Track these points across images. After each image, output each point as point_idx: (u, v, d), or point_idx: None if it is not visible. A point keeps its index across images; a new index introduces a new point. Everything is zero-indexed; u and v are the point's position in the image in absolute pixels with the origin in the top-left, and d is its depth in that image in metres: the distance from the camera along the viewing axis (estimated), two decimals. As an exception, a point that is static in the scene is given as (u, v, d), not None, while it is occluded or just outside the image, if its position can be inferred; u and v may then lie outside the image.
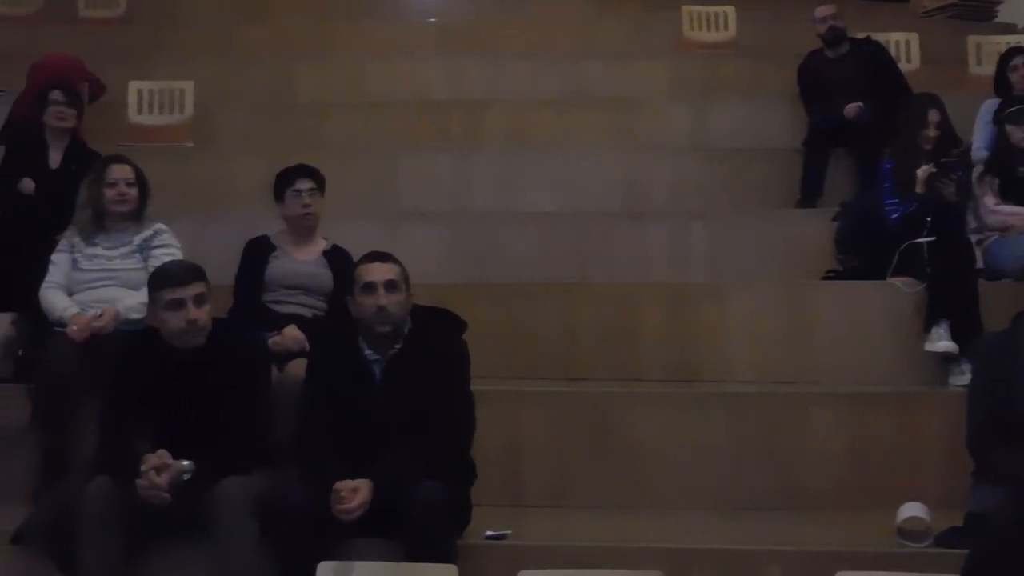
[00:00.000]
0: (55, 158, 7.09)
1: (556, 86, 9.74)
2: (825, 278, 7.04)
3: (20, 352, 6.02)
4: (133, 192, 6.01)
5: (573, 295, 6.77)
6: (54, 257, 5.98)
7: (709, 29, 10.86)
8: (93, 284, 5.87)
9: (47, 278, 5.92)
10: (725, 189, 8.16)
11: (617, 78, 9.81)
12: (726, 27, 10.86)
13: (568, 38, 10.85)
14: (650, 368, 6.50)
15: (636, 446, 5.66)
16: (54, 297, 5.84)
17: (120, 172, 6.03)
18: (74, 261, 5.94)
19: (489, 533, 4.81)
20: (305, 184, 6.03)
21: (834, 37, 8.75)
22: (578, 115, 9.13)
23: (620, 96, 9.56)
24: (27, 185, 6.88)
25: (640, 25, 11.03)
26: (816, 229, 7.37)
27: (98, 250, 5.95)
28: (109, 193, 5.97)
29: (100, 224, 5.98)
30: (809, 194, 8.04)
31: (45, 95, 7.19)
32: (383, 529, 4.46)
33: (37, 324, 6.06)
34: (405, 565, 4.08)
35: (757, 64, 9.91)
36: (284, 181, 6.08)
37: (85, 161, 7.03)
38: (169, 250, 5.94)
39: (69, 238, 6.03)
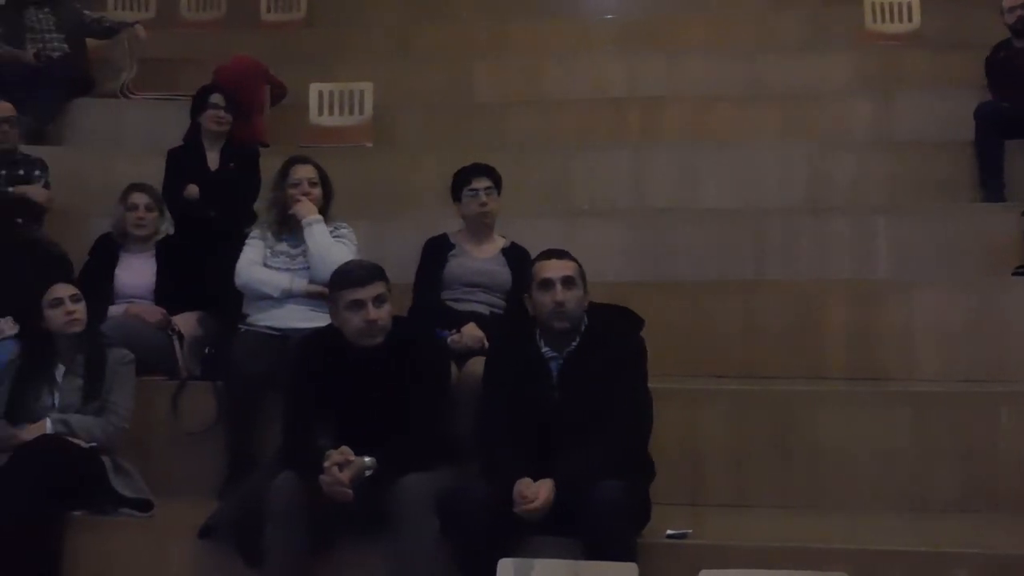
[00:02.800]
0: (213, 160, 7.22)
1: (735, 81, 9.61)
2: (1015, 274, 6.83)
3: (207, 350, 6.14)
4: (316, 192, 6.11)
5: (753, 292, 6.69)
6: (250, 242, 6.14)
7: (892, 20, 10.60)
8: (276, 281, 6.05)
9: (246, 257, 6.08)
10: (910, 183, 7.96)
11: (797, 72, 9.64)
12: (910, 18, 10.60)
13: (746, 32, 10.70)
14: (833, 366, 6.39)
15: (819, 446, 5.56)
16: (264, 272, 6.03)
17: (303, 172, 6.15)
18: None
19: (670, 532, 4.76)
20: (482, 183, 6.06)
21: (1023, 26, 8.47)
22: (757, 110, 9.00)
23: (800, 90, 9.40)
24: (191, 191, 7.00)
25: (820, 18, 10.82)
26: (1005, 224, 7.15)
27: (284, 247, 6.07)
28: (293, 193, 6.08)
29: (285, 223, 6.09)
30: (989, 187, 7.79)
31: (205, 97, 7.32)
32: (563, 527, 4.45)
33: (223, 323, 6.20)
34: (585, 563, 4.06)
35: (942, 56, 9.63)
36: (461, 180, 6.11)
37: (244, 159, 7.18)
38: (343, 241, 6.05)
39: (262, 229, 6.17)
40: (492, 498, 4.47)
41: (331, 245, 5.96)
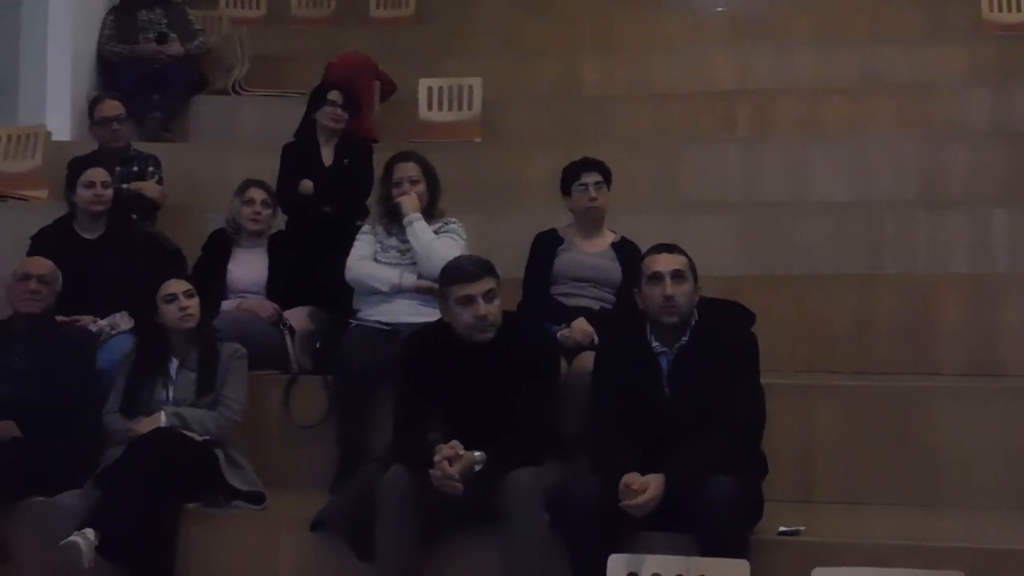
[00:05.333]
0: (327, 155, 7.27)
1: (848, 73, 9.48)
2: None
3: (318, 345, 6.18)
4: (419, 188, 6.13)
5: (867, 286, 6.61)
6: (360, 237, 6.21)
7: (1010, 10, 10.35)
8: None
9: (357, 252, 6.14)
10: (1028, 175, 7.80)
11: (911, 63, 9.48)
12: (1029, 8, 10.37)
13: (860, 23, 10.52)
14: (949, 362, 6.30)
15: (935, 442, 5.46)
16: (374, 267, 6.08)
17: (404, 170, 6.18)
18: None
19: (782, 529, 4.71)
20: (591, 177, 6.04)
21: None
22: (871, 102, 8.87)
23: (915, 82, 9.25)
24: (305, 186, 7.05)
25: (935, 8, 10.62)
26: None
27: (394, 242, 6.10)
28: (395, 192, 6.11)
29: (394, 219, 6.12)
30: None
31: (323, 94, 7.37)
32: (674, 523, 4.43)
33: (334, 317, 6.24)
34: (696, 559, 4.02)
35: (1062, 45, 9.45)
36: (570, 175, 6.10)
37: (357, 154, 7.22)
38: (451, 236, 6.06)
39: (372, 224, 6.21)
40: (602, 494, 4.45)
41: (433, 241, 5.98)
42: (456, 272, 4.93)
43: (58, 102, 9.14)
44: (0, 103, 8.84)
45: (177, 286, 5.54)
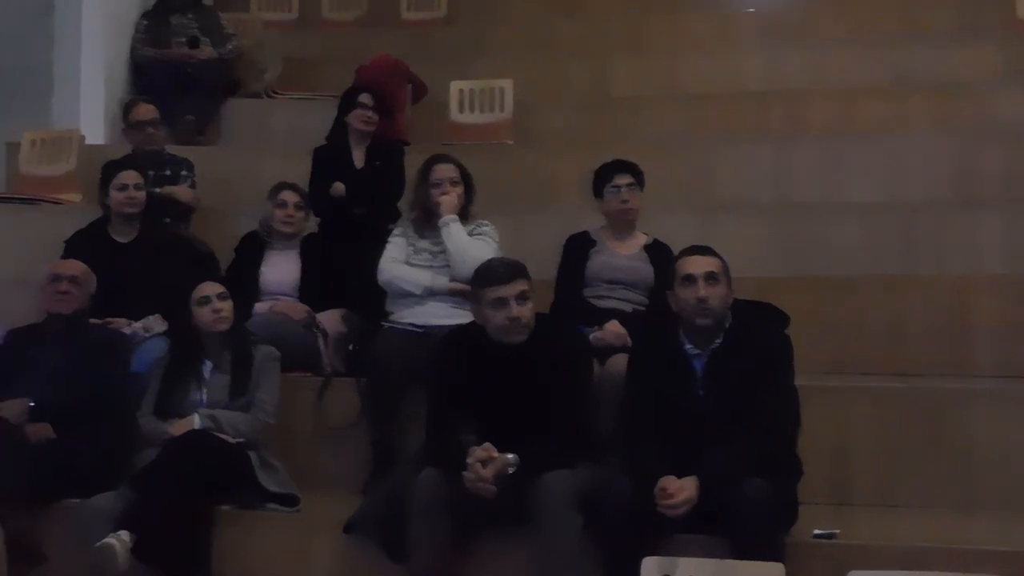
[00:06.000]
0: (358, 157, 7.30)
1: (880, 73, 9.43)
2: None
3: (351, 347, 6.19)
4: (458, 190, 6.13)
5: (901, 287, 6.58)
6: (392, 239, 6.18)
7: (1044, 9, 10.29)
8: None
9: (389, 255, 6.12)
10: (1064, 175, 7.74)
11: (945, 62, 9.41)
12: (1064, 5, 10.28)
13: (892, 22, 10.47)
14: (984, 363, 6.25)
15: (971, 445, 5.44)
16: (406, 270, 6.05)
17: (444, 171, 6.16)
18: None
19: (817, 532, 4.70)
20: (623, 179, 6.03)
21: None
22: (904, 102, 8.82)
23: (948, 81, 9.19)
24: (337, 189, 7.07)
25: (968, 6, 10.56)
26: None
27: (426, 244, 6.09)
28: (434, 192, 6.10)
29: (427, 221, 6.11)
30: None
31: (354, 96, 7.40)
32: (708, 526, 4.41)
33: (366, 320, 6.25)
34: (731, 562, 4.02)
35: (1098, 43, 9.37)
36: (602, 177, 6.09)
37: (389, 157, 7.23)
38: (484, 238, 6.05)
39: (404, 227, 6.21)
40: (636, 496, 4.44)
41: (468, 243, 5.97)
42: (488, 274, 4.93)
43: (92, 106, 9.18)
44: (34, 107, 8.86)
45: (211, 288, 5.56)
